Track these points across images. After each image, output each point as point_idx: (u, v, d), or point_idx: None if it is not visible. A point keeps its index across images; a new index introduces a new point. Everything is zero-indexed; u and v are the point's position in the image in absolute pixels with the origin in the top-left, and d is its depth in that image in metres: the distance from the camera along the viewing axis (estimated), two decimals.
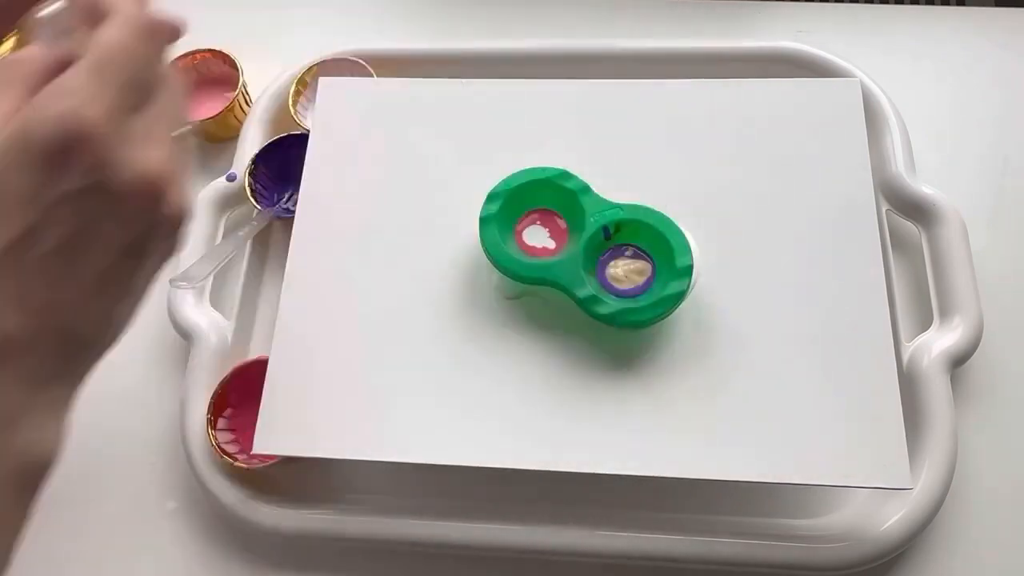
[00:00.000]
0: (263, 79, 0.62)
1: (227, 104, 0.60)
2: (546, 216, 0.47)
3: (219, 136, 0.63)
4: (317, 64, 0.61)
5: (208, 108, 0.62)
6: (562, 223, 0.47)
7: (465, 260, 0.48)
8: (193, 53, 0.63)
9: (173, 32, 0.26)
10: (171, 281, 0.50)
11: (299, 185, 0.52)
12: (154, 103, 0.25)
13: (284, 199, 0.58)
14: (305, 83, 0.61)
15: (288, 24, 0.69)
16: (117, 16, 0.24)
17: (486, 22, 0.68)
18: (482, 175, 0.47)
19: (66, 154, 0.21)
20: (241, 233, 0.54)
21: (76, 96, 0.21)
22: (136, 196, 0.23)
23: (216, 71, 0.64)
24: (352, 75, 0.61)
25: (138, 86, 0.24)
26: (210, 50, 0.63)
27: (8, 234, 0.22)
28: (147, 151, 0.24)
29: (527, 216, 0.47)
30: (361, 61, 0.61)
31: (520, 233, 0.47)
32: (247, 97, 0.63)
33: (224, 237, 0.57)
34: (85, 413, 0.54)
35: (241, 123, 0.62)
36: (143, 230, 0.25)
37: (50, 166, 0.21)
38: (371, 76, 0.60)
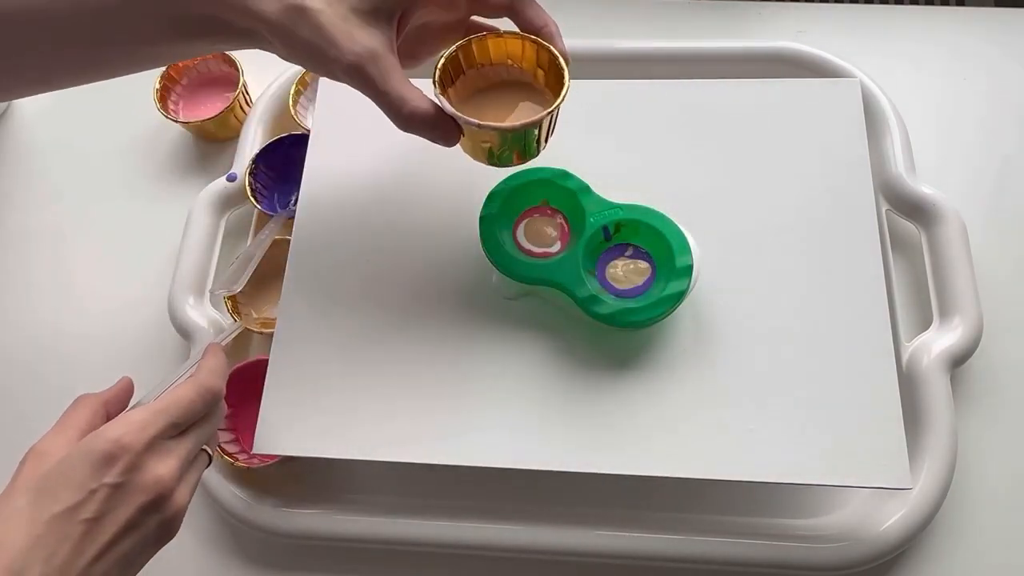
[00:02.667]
0: (263, 79, 0.62)
1: (227, 104, 0.60)
2: (546, 212, 0.47)
3: (219, 136, 0.63)
4: None
5: (209, 108, 0.62)
6: (562, 220, 0.47)
7: (465, 260, 0.48)
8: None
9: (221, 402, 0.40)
10: (211, 291, 0.54)
11: (299, 185, 0.52)
12: (190, 432, 0.37)
13: (293, 200, 0.58)
14: (305, 83, 0.61)
15: None
16: (198, 374, 0.38)
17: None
18: (482, 175, 0.47)
19: (109, 460, 0.34)
20: (263, 236, 0.55)
21: (131, 426, 0.35)
22: (146, 491, 0.34)
23: (216, 71, 0.64)
24: None
25: (181, 425, 0.37)
26: None
27: (64, 504, 0.33)
28: (166, 463, 0.35)
29: (527, 213, 0.47)
30: None
31: (518, 229, 0.47)
32: (247, 97, 0.63)
33: (248, 241, 0.58)
34: None
35: (241, 123, 0.62)
36: (149, 516, 0.35)
37: (99, 465, 0.33)
38: None
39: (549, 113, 0.39)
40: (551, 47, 0.41)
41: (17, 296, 0.60)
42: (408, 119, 0.39)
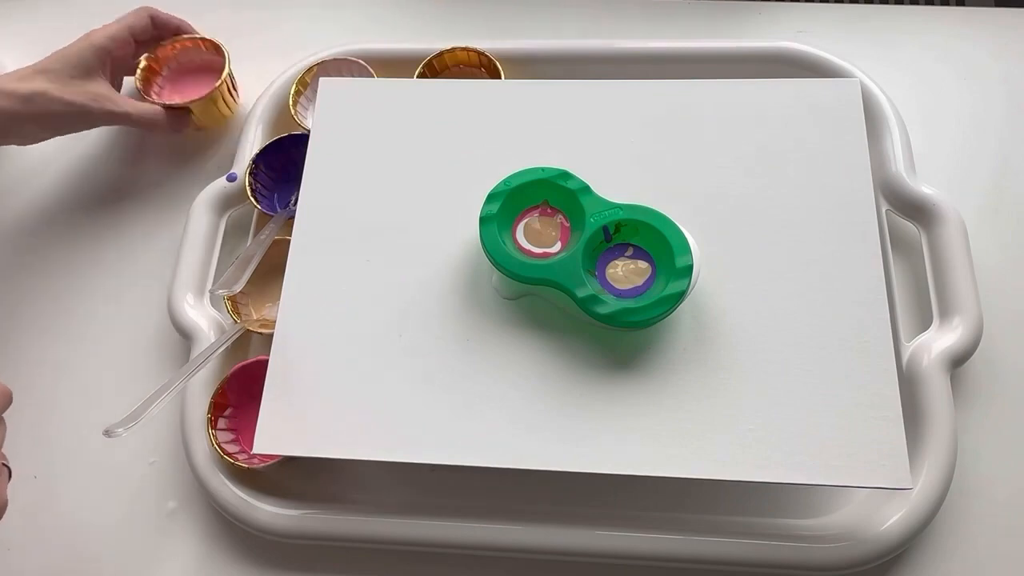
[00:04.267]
0: (263, 79, 0.62)
1: (210, 90, 0.60)
2: (546, 212, 0.47)
3: (205, 122, 0.63)
4: (317, 64, 0.61)
5: (193, 93, 0.61)
6: (562, 219, 0.47)
7: (465, 260, 0.48)
8: (174, 42, 0.63)
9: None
10: (210, 292, 0.55)
11: (299, 185, 0.52)
12: None
13: (293, 200, 0.58)
14: (305, 83, 0.61)
15: (288, 24, 0.69)
16: None
17: (486, 23, 0.68)
18: (482, 175, 0.47)
19: None
20: (263, 236, 0.55)
21: None
22: None
23: (199, 60, 0.64)
24: (352, 75, 0.61)
25: None
26: (192, 38, 0.63)
27: None
28: None
29: (527, 212, 0.47)
30: (361, 61, 0.61)
31: (518, 228, 0.47)
32: (233, 84, 0.63)
33: (248, 241, 0.58)
34: (86, 412, 0.55)
35: (230, 112, 0.63)
36: None
37: None
38: (371, 76, 0.60)
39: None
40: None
41: (17, 296, 0.60)
42: (143, 119, 0.59)
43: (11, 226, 0.63)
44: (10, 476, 0.40)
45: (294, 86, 0.60)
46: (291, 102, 0.60)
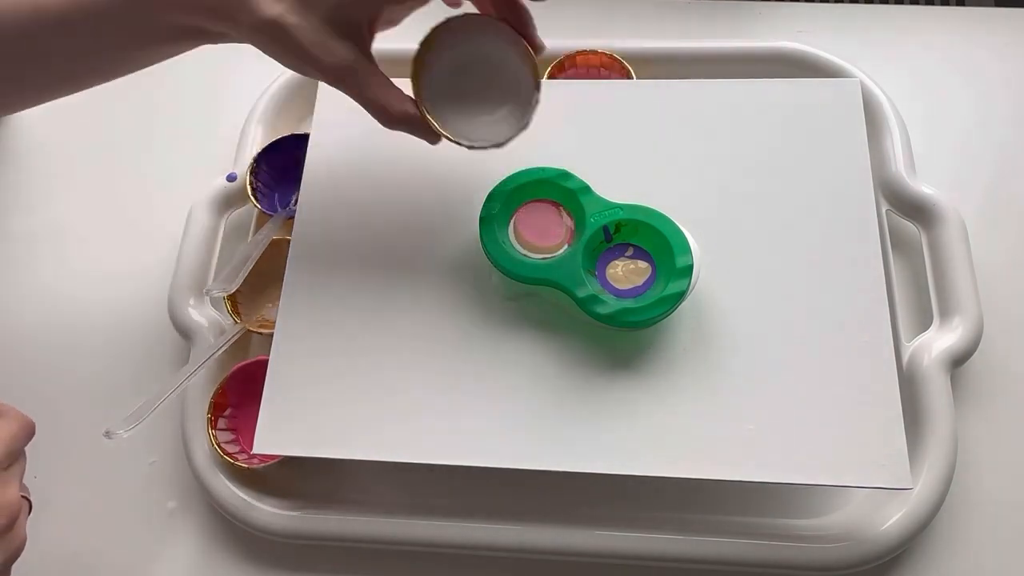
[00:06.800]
0: (263, 79, 0.62)
1: None
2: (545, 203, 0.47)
3: None
4: None
5: None
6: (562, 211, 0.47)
7: (465, 260, 0.48)
8: None
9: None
10: (205, 291, 0.53)
11: (299, 185, 0.52)
12: (15, 465, 0.37)
13: (293, 200, 0.58)
14: None
15: None
16: (11, 411, 0.37)
17: None
18: (482, 175, 0.47)
19: None
20: (261, 236, 0.55)
21: None
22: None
23: None
24: None
25: (13, 455, 0.36)
26: None
27: None
28: (11, 487, 0.36)
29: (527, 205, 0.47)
30: None
31: (518, 222, 0.47)
32: None
33: (247, 241, 0.58)
34: (85, 412, 0.55)
35: None
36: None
37: None
38: None
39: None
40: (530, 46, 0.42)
41: (17, 296, 0.60)
42: (390, 122, 0.42)
43: (11, 226, 0.63)
44: (31, 510, 0.39)
45: None
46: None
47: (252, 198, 0.57)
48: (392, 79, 0.42)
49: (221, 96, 0.65)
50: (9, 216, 0.63)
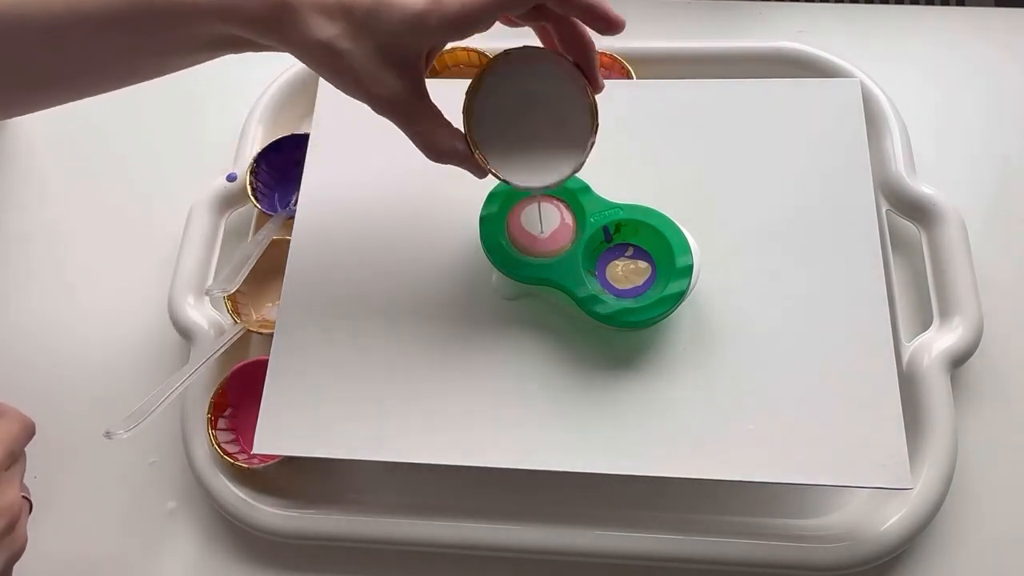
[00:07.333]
0: (263, 79, 0.62)
1: None
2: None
3: None
4: None
5: None
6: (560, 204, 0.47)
7: (465, 260, 0.48)
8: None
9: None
10: (206, 291, 0.53)
11: (299, 185, 0.52)
12: (16, 466, 0.38)
13: (293, 200, 0.58)
14: None
15: None
16: (11, 411, 0.38)
17: None
18: None
19: None
20: (261, 236, 0.55)
21: None
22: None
23: None
24: None
25: (13, 456, 0.37)
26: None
27: None
28: (12, 489, 0.36)
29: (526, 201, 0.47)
30: None
31: (518, 218, 0.47)
32: None
33: (247, 241, 0.58)
34: (85, 412, 0.55)
35: None
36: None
37: None
38: None
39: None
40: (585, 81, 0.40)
41: (17, 296, 0.60)
42: (437, 158, 0.41)
43: (11, 226, 0.63)
44: (31, 510, 0.39)
45: None
46: None
47: (252, 198, 0.57)
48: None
49: (221, 96, 0.65)
50: (9, 216, 0.63)
